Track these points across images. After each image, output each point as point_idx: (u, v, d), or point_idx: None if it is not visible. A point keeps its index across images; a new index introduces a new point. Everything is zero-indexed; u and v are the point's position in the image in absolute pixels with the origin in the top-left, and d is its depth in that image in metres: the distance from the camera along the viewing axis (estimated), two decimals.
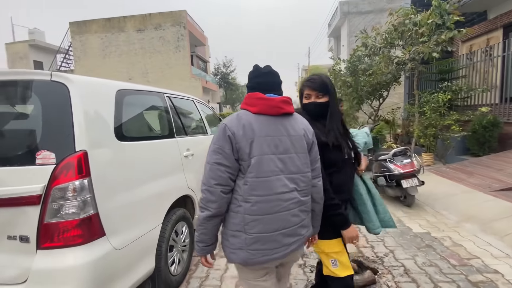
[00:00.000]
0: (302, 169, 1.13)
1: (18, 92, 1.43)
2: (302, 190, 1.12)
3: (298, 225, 1.13)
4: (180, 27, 17.70)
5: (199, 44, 21.56)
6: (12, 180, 1.25)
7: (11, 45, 19.25)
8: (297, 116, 1.20)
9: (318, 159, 1.21)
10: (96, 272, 1.31)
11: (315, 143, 1.19)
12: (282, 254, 1.10)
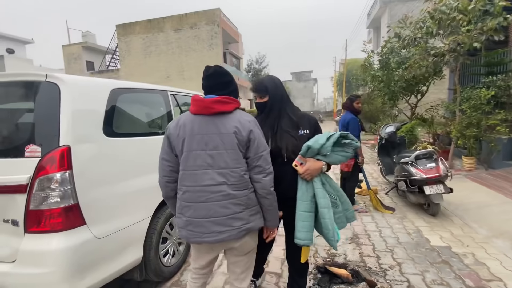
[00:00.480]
0: (231, 165, 1.22)
1: (18, 91, 1.61)
2: (232, 185, 1.21)
3: (228, 217, 1.22)
4: (214, 25, 18.16)
5: (232, 41, 21.90)
6: (4, 170, 1.42)
7: (67, 47, 21.71)
8: (235, 114, 1.26)
9: (262, 156, 1.24)
10: (75, 256, 1.43)
11: (253, 140, 1.23)
12: (213, 240, 1.22)
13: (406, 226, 3.07)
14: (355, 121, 3.40)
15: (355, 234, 2.94)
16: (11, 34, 23.26)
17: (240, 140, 1.21)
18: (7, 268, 1.40)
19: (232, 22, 21.00)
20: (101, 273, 1.58)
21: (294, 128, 1.50)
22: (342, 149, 1.47)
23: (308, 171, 1.38)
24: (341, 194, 1.52)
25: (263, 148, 1.25)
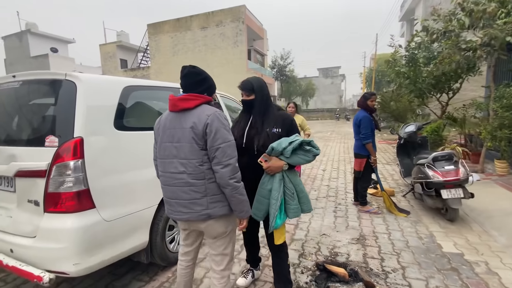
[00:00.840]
0: (189, 157, 1.36)
1: (42, 88, 1.83)
2: (191, 174, 1.37)
3: (189, 201, 1.39)
4: (239, 23, 18.34)
5: (257, 38, 21.93)
6: (29, 157, 1.63)
7: (103, 46, 23.28)
8: (197, 110, 1.38)
9: (219, 148, 1.33)
10: (85, 235, 1.61)
11: (209, 134, 1.33)
12: (179, 218, 1.46)
13: (419, 230, 2.94)
14: (368, 119, 3.29)
15: (362, 235, 2.88)
16: (55, 34, 25.46)
17: (196, 134, 1.34)
18: (29, 242, 1.62)
19: (257, 18, 21.00)
20: (109, 252, 1.76)
21: (270, 126, 1.67)
22: (304, 154, 1.62)
23: (270, 168, 1.57)
24: (300, 190, 1.67)
25: (221, 141, 1.33)
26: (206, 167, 1.37)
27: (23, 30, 23.93)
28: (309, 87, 33.21)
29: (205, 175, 1.37)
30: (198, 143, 1.35)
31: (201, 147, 1.36)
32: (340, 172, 5.81)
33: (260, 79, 1.76)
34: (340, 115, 30.96)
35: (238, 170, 1.40)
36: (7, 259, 1.61)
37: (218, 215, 1.42)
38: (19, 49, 24.05)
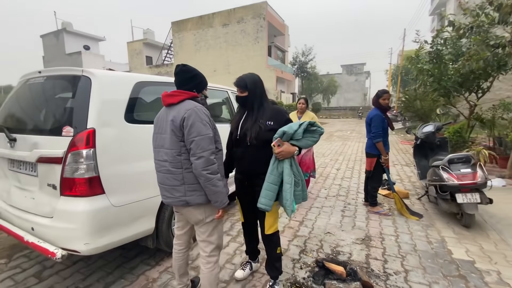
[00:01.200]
0: (169, 147, 1.51)
1: (62, 83, 2.00)
2: (171, 163, 1.52)
3: (171, 187, 1.55)
4: (260, 19, 18.31)
5: (278, 34, 21.77)
6: (48, 145, 1.81)
7: (130, 43, 24.33)
8: (180, 105, 1.51)
9: (193, 141, 1.43)
10: (95, 218, 1.76)
11: (186, 127, 1.44)
12: (165, 201, 1.63)
13: (430, 234, 2.83)
14: (379, 118, 3.20)
15: (368, 235, 2.83)
16: (87, 33, 26.99)
17: (175, 126, 1.47)
18: (47, 222, 1.80)
19: (278, 14, 20.81)
20: (116, 235, 1.90)
21: (263, 119, 1.74)
22: (311, 135, 1.72)
23: (282, 153, 1.62)
24: (302, 178, 1.74)
25: (195, 134, 1.43)
26: (183, 157, 1.50)
27: (59, 29, 25.67)
28: (331, 84, 32.39)
29: (182, 164, 1.50)
30: (177, 135, 1.48)
31: (179, 139, 1.48)
32: (354, 172, 5.68)
33: (255, 76, 1.82)
34: (363, 114, 29.94)
35: (213, 163, 1.47)
36: (28, 236, 1.80)
37: (195, 203, 1.53)
38: (55, 47, 25.87)
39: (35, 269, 2.30)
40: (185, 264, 1.83)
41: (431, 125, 3.93)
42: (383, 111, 3.30)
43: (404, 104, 10.19)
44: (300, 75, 27.65)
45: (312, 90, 30.25)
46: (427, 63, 5.61)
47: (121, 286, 2.08)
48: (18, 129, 2.04)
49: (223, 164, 1.96)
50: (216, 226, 1.67)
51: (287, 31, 23.65)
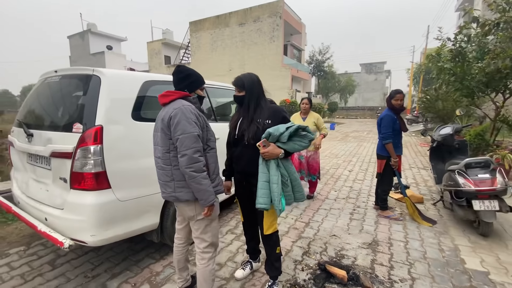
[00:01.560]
0: (161, 144, 1.58)
1: (75, 82, 2.10)
2: (162, 159, 1.59)
3: (164, 183, 1.62)
4: (276, 17, 18.21)
5: (295, 33, 21.55)
6: (61, 141, 1.91)
7: (150, 43, 25.06)
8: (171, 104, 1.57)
9: (178, 139, 1.48)
10: (101, 211, 1.84)
11: (172, 125, 1.50)
12: (162, 196, 1.69)
13: (442, 242, 2.70)
14: (389, 119, 3.09)
15: (375, 240, 2.75)
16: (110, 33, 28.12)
17: (164, 124, 1.54)
18: (59, 213, 1.91)
19: (295, 13, 20.59)
20: (121, 228, 1.98)
21: (261, 118, 1.75)
22: (300, 139, 1.69)
23: (267, 153, 1.64)
24: (294, 178, 1.74)
25: (180, 132, 1.47)
26: (172, 154, 1.55)
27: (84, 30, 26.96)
28: (349, 83, 31.58)
29: (171, 161, 1.56)
30: (166, 133, 1.54)
31: (168, 137, 1.54)
32: (367, 174, 5.52)
33: (253, 76, 1.82)
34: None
35: (197, 161, 1.47)
36: (41, 226, 1.91)
37: (184, 199, 1.59)
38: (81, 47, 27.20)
39: (50, 257, 2.44)
40: (185, 259, 1.87)
41: (449, 127, 3.74)
42: (396, 112, 3.18)
43: (425, 104, 9.75)
44: (316, 74, 27.22)
45: (329, 90, 29.64)
46: (448, 62, 5.32)
47: (126, 278, 2.16)
48: (35, 125, 2.17)
49: (225, 163, 1.98)
50: (209, 224, 1.69)
51: (304, 30, 23.34)
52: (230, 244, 2.66)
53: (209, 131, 1.66)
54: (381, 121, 3.14)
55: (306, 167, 3.84)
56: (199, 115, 1.59)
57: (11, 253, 2.49)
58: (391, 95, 3.16)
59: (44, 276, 2.17)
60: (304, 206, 3.67)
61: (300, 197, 1.75)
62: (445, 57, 5.61)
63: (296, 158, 3.83)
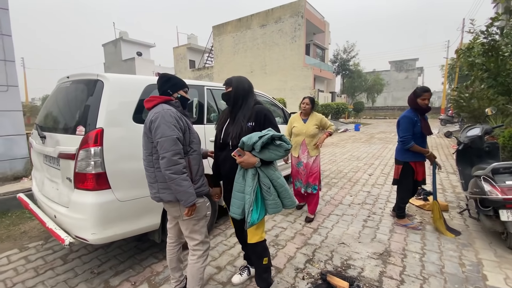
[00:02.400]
0: (145, 148, 1.66)
1: (82, 87, 2.20)
2: (146, 162, 1.67)
3: (149, 184, 1.69)
4: (298, 17, 17.96)
5: (317, 32, 21.10)
6: (66, 142, 2.02)
7: (176, 48, 26.04)
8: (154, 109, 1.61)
9: (158, 142, 1.52)
10: (100, 211, 1.91)
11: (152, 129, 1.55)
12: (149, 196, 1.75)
13: (464, 255, 2.43)
14: (408, 120, 2.81)
15: (387, 250, 2.55)
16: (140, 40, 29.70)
17: (146, 128, 1.60)
18: (65, 211, 2.01)
19: (318, 11, 20.16)
20: (122, 228, 2.04)
21: (246, 120, 1.71)
22: (275, 149, 1.58)
23: (243, 163, 1.58)
24: (279, 185, 1.62)
25: (159, 136, 1.51)
26: (154, 157, 1.60)
27: (117, 38, 28.77)
28: (377, 82, 30.11)
29: (153, 164, 1.61)
30: (148, 136, 1.60)
31: (150, 140, 1.59)
32: (389, 178, 5.19)
33: (243, 78, 1.83)
34: None
35: (176, 163, 1.50)
36: (49, 222, 2.04)
37: (166, 200, 1.64)
38: (114, 54, 29.06)
39: (63, 252, 2.60)
40: (177, 259, 1.88)
41: (478, 128, 3.37)
42: (421, 113, 2.88)
43: (458, 103, 8.98)
44: (341, 73, 26.39)
45: (355, 89, 28.54)
46: (479, 56, 4.83)
47: (128, 276, 2.22)
48: (47, 128, 2.32)
49: (212, 168, 1.95)
50: (196, 223, 1.73)
51: (328, 28, 22.75)
52: (232, 248, 2.63)
53: (192, 133, 1.68)
54: (399, 123, 2.89)
55: (304, 175, 3.23)
56: (180, 118, 1.60)
57: (30, 247, 2.69)
58: (416, 93, 2.85)
59: (55, 270, 2.31)
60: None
61: (289, 204, 1.66)
62: (477, 52, 5.11)
63: (294, 165, 3.32)
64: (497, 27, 4.52)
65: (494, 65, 4.75)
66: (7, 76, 5.06)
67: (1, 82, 4.96)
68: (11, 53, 5.12)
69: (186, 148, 1.63)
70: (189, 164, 1.63)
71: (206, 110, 2.85)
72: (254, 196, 1.54)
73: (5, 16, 5.03)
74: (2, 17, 4.98)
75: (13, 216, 3.46)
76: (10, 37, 5.11)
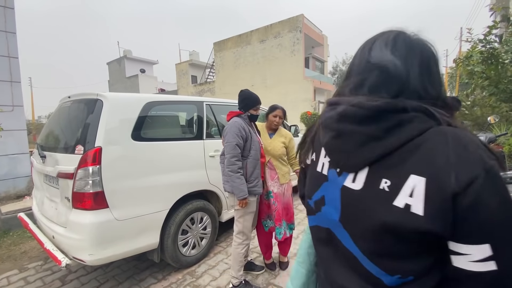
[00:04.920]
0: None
1: (82, 106, 2.24)
2: (220, 160, 2.17)
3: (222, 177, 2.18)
4: (296, 32, 18.37)
5: (316, 45, 21.51)
6: (65, 162, 2.02)
7: (178, 64, 26.61)
8: (230, 121, 2.13)
9: (225, 146, 2.09)
10: (98, 231, 1.88)
11: (224, 136, 2.11)
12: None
13: None
14: None
15: None
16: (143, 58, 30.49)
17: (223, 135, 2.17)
18: (62, 231, 1.99)
19: (316, 26, 20.66)
20: (119, 248, 2.00)
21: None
22: None
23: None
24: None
25: (226, 141, 2.07)
26: (223, 157, 2.07)
27: (121, 56, 29.59)
28: None
29: (223, 161, 2.08)
30: (223, 140, 2.17)
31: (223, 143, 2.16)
32: None
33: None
34: None
35: (233, 164, 1.96)
36: (47, 243, 2.01)
37: (226, 190, 2.10)
38: (118, 72, 29.78)
39: (62, 273, 2.55)
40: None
41: (482, 136, 3.33)
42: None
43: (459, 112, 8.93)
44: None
45: None
46: (479, 65, 4.86)
47: None
48: (47, 147, 2.34)
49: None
50: (242, 215, 2.10)
51: (326, 41, 23.20)
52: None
53: (253, 142, 2.07)
54: None
55: (275, 212, 2.24)
56: (243, 128, 2.02)
57: (29, 267, 2.65)
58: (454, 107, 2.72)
59: None
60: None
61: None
62: (476, 60, 5.14)
63: (263, 196, 2.30)
64: (495, 35, 4.57)
65: (494, 72, 4.77)
66: (13, 97, 5.18)
67: (7, 103, 5.08)
68: (18, 75, 5.27)
69: (246, 153, 2.03)
70: (246, 166, 2.03)
71: (206, 125, 2.86)
72: None
73: (13, 39, 5.22)
74: (10, 40, 5.17)
75: (14, 236, 3.44)
76: (17, 59, 5.28)
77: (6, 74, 5.14)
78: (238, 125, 2.00)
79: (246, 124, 2.08)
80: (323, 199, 0.60)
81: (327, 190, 0.59)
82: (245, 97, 2.16)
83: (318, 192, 0.61)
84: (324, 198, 0.59)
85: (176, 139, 2.52)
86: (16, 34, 5.29)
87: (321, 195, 0.60)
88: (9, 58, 5.19)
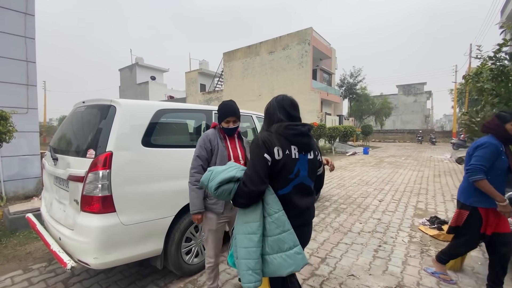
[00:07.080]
0: None
1: (96, 111, 2.30)
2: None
3: None
4: (305, 44, 18.65)
5: (324, 58, 21.74)
6: (77, 165, 2.07)
7: (188, 73, 27.17)
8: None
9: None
10: (105, 234, 1.90)
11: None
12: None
13: None
14: (494, 150, 2.07)
15: (400, 284, 2.40)
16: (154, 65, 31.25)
17: None
18: (69, 233, 2.01)
19: (324, 39, 20.93)
20: (124, 253, 2.00)
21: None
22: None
23: None
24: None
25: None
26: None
27: (132, 63, 30.38)
28: (384, 105, 30.20)
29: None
30: None
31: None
32: (400, 204, 5.02)
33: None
34: (423, 138, 27.04)
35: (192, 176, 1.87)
36: (54, 245, 2.03)
37: None
38: (129, 78, 30.53)
39: (65, 275, 2.56)
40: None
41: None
42: (507, 143, 2.15)
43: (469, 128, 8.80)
44: (348, 96, 26.68)
45: (363, 112, 28.63)
46: (488, 82, 4.82)
47: None
48: (59, 150, 2.40)
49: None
50: (206, 237, 1.99)
51: (334, 54, 23.43)
52: (236, 276, 2.53)
53: (219, 154, 1.90)
54: (477, 150, 2.15)
55: None
56: (208, 140, 1.91)
57: (34, 269, 2.67)
58: (502, 116, 2.14)
59: None
60: (323, 239, 3.40)
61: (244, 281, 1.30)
62: (486, 77, 5.11)
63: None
64: (505, 52, 4.55)
65: (504, 90, 4.72)
66: (28, 100, 5.36)
67: (22, 105, 5.25)
68: (34, 78, 5.46)
69: (211, 165, 1.88)
70: None
71: None
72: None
73: (31, 45, 5.45)
74: (28, 46, 5.39)
75: (21, 236, 3.48)
76: (34, 64, 5.48)
77: (23, 78, 5.34)
78: (204, 136, 1.93)
79: (217, 136, 1.93)
80: (299, 170, 1.37)
81: (300, 164, 1.38)
82: (219, 108, 1.99)
83: (295, 167, 1.36)
84: (300, 169, 1.37)
85: (184, 146, 2.55)
86: (35, 40, 5.52)
87: (297, 168, 1.37)
88: (27, 62, 5.40)
